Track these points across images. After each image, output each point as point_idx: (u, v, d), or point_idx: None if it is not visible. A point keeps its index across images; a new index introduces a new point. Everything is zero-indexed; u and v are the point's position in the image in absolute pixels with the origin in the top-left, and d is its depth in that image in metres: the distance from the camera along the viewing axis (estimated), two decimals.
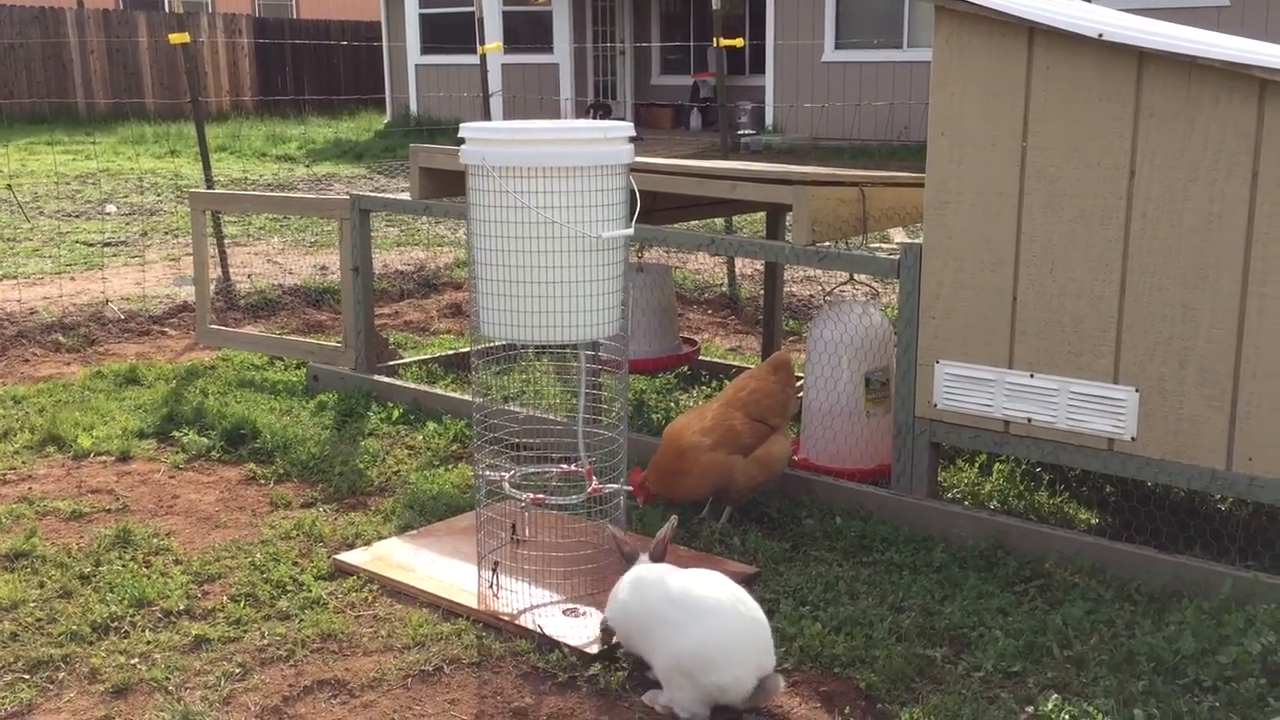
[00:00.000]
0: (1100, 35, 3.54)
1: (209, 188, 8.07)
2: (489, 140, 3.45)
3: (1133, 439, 3.69)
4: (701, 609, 2.95)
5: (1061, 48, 3.66)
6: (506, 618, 3.44)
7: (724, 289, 8.26)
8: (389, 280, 8.58)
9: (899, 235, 5.86)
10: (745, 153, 16.43)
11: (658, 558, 3.23)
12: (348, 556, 3.87)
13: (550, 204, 3.39)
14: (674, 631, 2.96)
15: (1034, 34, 3.70)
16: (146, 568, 3.82)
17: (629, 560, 3.25)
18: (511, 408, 4.57)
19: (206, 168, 8.02)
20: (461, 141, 3.53)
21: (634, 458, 4.11)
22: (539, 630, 3.35)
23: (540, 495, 3.71)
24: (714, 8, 8.10)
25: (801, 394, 4.62)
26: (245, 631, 3.42)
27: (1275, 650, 3.02)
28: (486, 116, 9.93)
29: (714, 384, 5.86)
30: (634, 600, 3.09)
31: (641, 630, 3.06)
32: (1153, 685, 3.01)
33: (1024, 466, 4.54)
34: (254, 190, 12.96)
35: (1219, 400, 3.54)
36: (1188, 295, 3.55)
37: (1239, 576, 3.45)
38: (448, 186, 5.32)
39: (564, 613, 3.47)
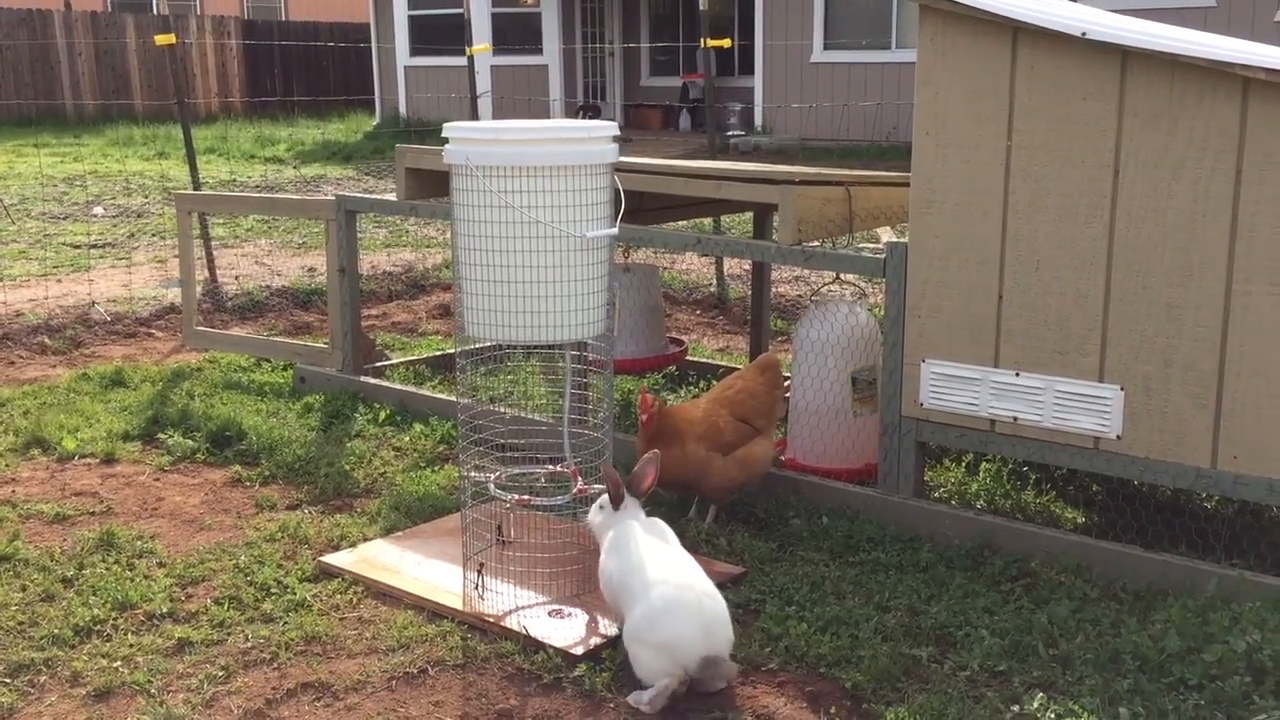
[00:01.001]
0: (1084, 34, 3.55)
1: (196, 189, 8.05)
2: (472, 140, 3.44)
3: (1118, 437, 3.69)
4: (650, 580, 3.08)
5: (1046, 47, 3.66)
6: (491, 619, 3.43)
7: (712, 289, 8.26)
8: (377, 281, 8.57)
9: (886, 235, 5.86)
10: (734, 153, 16.44)
11: (636, 490, 3.36)
12: (333, 558, 3.85)
13: (534, 204, 3.38)
14: (631, 602, 3.09)
15: (1018, 33, 3.70)
16: (130, 570, 3.80)
17: (616, 503, 3.34)
18: (497, 409, 4.56)
19: (193, 169, 8.00)
20: (446, 141, 3.52)
21: (620, 458, 4.10)
22: (524, 631, 3.34)
23: (526, 496, 3.70)
24: (702, 9, 8.10)
25: (788, 394, 4.61)
26: (229, 634, 3.40)
27: (1260, 648, 3.02)
28: (474, 117, 9.92)
29: (701, 384, 5.86)
30: (610, 565, 3.25)
31: (614, 599, 3.23)
32: (1138, 684, 3.01)
33: (1010, 465, 4.54)
34: (242, 192, 12.93)
35: (1204, 399, 3.54)
36: (1172, 294, 3.55)
37: (1224, 574, 3.45)
38: (434, 187, 5.31)
39: (549, 614, 3.46)
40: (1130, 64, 3.53)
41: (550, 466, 3.89)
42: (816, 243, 4.42)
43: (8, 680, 3.16)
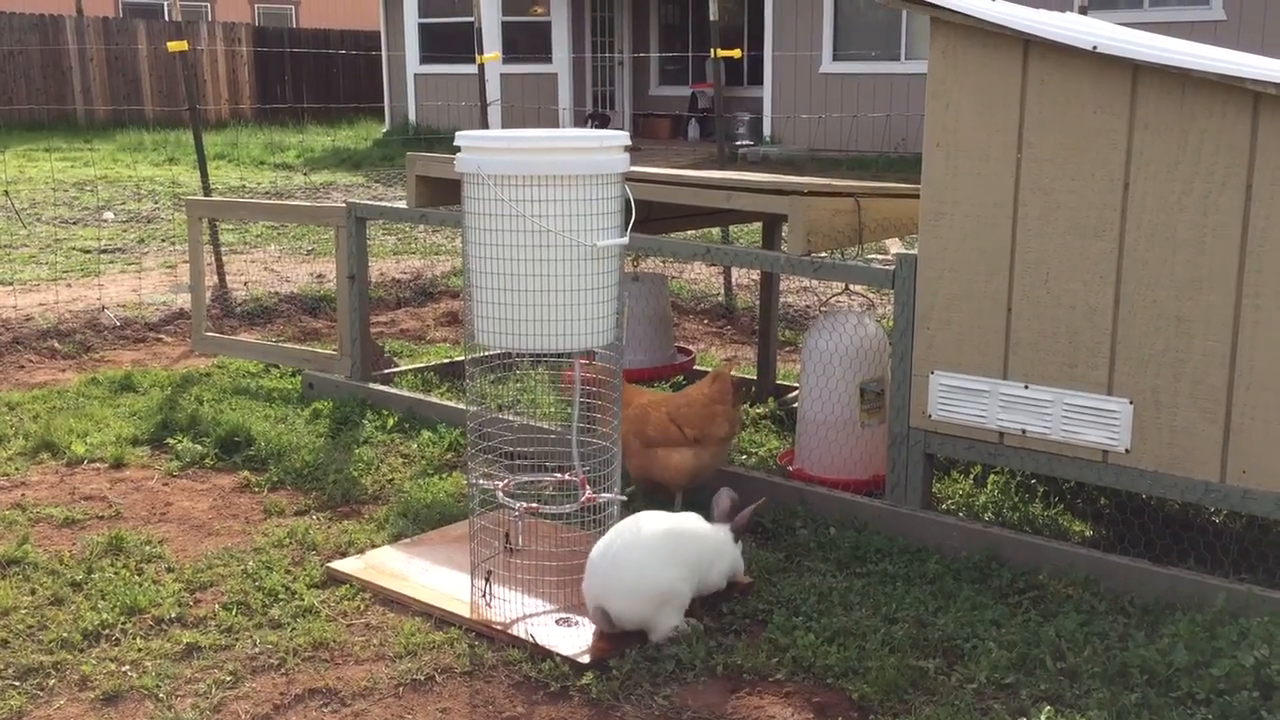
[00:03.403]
0: (1095, 48, 3.55)
1: (206, 195, 8.07)
2: (484, 148, 3.46)
3: (1127, 451, 3.69)
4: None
5: (1056, 60, 3.66)
6: (499, 627, 3.44)
7: (720, 299, 8.26)
8: (386, 288, 8.59)
9: (895, 246, 5.86)
10: (743, 163, 16.45)
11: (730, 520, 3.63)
12: (341, 565, 3.86)
13: (545, 213, 3.39)
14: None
15: (1029, 46, 3.70)
16: (138, 575, 3.81)
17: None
18: (506, 416, 4.57)
19: (204, 175, 8.03)
20: (457, 149, 3.53)
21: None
22: (531, 639, 3.35)
23: (534, 504, 3.70)
24: (712, 19, 8.11)
25: (794, 404, 4.61)
26: (237, 639, 3.41)
27: (1268, 663, 3.02)
28: (484, 125, 9.95)
29: None
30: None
31: None
32: (1146, 698, 3.01)
33: (1018, 478, 4.54)
34: (252, 198, 12.96)
35: (1213, 412, 3.54)
36: (1182, 307, 3.55)
37: (1232, 589, 3.45)
38: (444, 195, 5.33)
39: (557, 622, 3.46)
40: (1141, 78, 3.54)
41: (558, 474, 3.90)
42: (825, 254, 4.43)
43: (17, 683, 3.17)
